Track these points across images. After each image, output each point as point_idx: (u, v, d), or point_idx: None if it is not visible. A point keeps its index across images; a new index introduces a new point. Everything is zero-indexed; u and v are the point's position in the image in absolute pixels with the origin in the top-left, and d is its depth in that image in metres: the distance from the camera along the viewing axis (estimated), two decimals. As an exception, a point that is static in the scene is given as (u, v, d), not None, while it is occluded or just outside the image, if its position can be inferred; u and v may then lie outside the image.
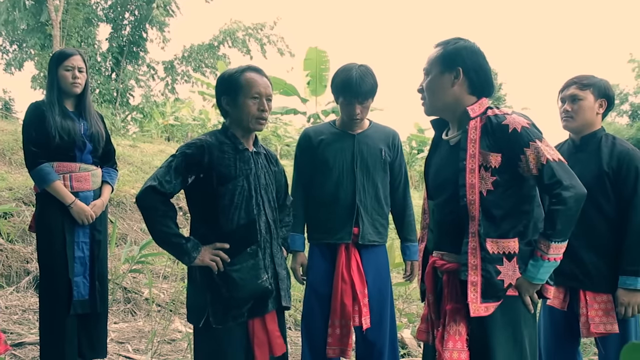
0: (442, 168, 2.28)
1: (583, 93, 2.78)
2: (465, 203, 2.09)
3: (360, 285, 3.05)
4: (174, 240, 2.40)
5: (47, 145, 3.22)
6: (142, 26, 16.97)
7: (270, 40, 18.82)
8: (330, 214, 3.12)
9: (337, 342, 3.06)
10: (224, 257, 2.43)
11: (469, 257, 2.07)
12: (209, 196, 2.45)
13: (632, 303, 2.60)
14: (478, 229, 2.07)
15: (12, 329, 4.19)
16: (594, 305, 2.68)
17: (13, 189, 6.39)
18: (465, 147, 2.12)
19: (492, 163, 2.07)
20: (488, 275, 2.05)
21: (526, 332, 2.11)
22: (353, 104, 3.05)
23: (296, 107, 13.85)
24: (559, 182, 2.00)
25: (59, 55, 3.36)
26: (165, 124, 18.99)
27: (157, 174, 2.41)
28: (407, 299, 5.74)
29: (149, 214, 2.42)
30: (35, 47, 15.79)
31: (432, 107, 2.27)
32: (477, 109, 2.17)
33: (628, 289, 2.60)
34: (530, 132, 2.06)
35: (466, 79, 2.18)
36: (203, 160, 2.42)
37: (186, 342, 4.13)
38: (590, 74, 2.85)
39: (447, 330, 2.12)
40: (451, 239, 2.19)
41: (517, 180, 2.10)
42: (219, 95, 2.57)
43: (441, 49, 2.22)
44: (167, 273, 5.96)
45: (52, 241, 3.24)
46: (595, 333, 2.66)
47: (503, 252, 2.07)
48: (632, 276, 2.60)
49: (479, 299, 2.05)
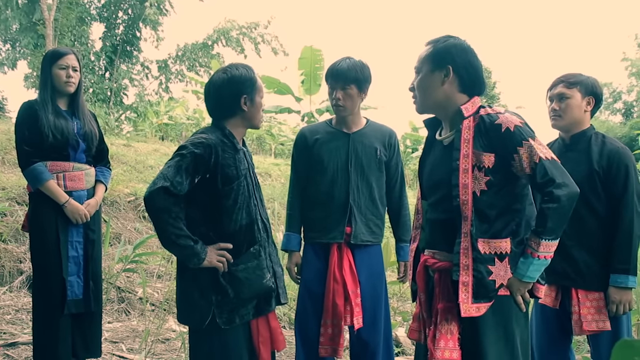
0: (435, 168, 2.28)
1: (570, 91, 2.79)
2: (458, 203, 2.09)
3: (353, 285, 3.05)
4: (184, 242, 2.34)
5: (40, 145, 3.21)
6: (136, 25, 16.90)
7: (265, 40, 18.78)
8: (324, 214, 3.12)
9: (328, 342, 3.07)
10: (229, 258, 2.42)
11: (460, 257, 2.07)
12: (213, 197, 2.43)
13: (623, 301, 2.62)
14: (470, 229, 2.07)
15: (5, 328, 4.18)
16: (586, 303, 2.70)
17: (6, 188, 6.37)
18: (458, 147, 2.12)
19: (486, 163, 2.08)
20: (480, 276, 2.05)
21: (518, 331, 2.11)
22: (335, 88, 3.07)
23: (290, 106, 13.89)
24: (552, 180, 2.00)
25: (53, 54, 3.35)
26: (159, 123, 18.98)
27: (167, 175, 2.32)
28: (401, 297, 5.75)
29: (160, 215, 2.33)
30: (28, 46, 15.71)
31: (423, 106, 2.27)
32: (470, 108, 2.16)
33: (619, 287, 2.62)
34: (523, 131, 2.06)
35: (456, 77, 2.18)
36: (210, 160, 2.39)
37: (180, 341, 4.13)
38: (577, 72, 2.86)
39: (439, 329, 2.12)
40: (443, 238, 2.19)
41: (510, 180, 2.11)
42: (239, 94, 2.50)
43: (431, 47, 2.21)
44: (161, 272, 5.96)
45: (46, 240, 3.22)
46: (587, 331, 2.68)
47: (495, 252, 2.07)
48: (622, 274, 2.62)
49: (470, 299, 2.05)
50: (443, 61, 2.17)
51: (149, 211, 2.37)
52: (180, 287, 2.53)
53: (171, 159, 2.40)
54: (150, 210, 2.36)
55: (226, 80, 2.53)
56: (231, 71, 2.55)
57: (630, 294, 2.63)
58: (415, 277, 2.34)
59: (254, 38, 18.69)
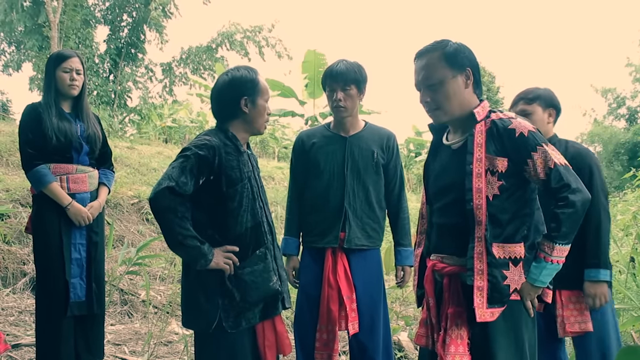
0: (443, 172, 2.27)
1: (531, 107, 2.90)
2: (471, 207, 2.08)
3: (347, 290, 3.04)
4: (191, 242, 2.31)
5: (43, 147, 3.22)
6: (140, 28, 16.95)
7: (269, 43, 18.81)
8: (320, 218, 3.12)
9: (323, 347, 3.06)
10: (235, 260, 2.40)
11: (474, 262, 2.06)
12: (218, 199, 2.42)
13: (599, 294, 2.70)
14: (484, 234, 2.06)
15: (9, 330, 4.19)
16: (569, 305, 2.79)
17: (10, 190, 6.39)
18: (472, 150, 2.11)
19: (499, 167, 2.08)
20: (494, 281, 2.05)
21: (526, 336, 2.11)
22: (335, 89, 3.07)
23: (294, 109, 13.88)
24: (567, 186, 2.02)
25: (57, 56, 3.36)
26: (163, 126, 19.03)
27: (172, 175, 2.30)
28: (404, 301, 5.73)
29: (167, 215, 2.30)
30: (33, 49, 15.75)
31: (450, 114, 2.19)
32: (482, 112, 2.16)
33: (592, 281, 2.71)
34: (537, 137, 2.07)
35: (473, 78, 2.18)
36: (214, 162, 2.38)
37: (182, 344, 4.13)
38: (534, 87, 2.97)
39: (449, 334, 2.11)
40: (453, 242, 2.18)
41: (521, 185, 2.11)
42: (239, 95, 2.49)
43: (440, 54, 2.15)
44: (164, 275, 5.96)
45: (49, 243, 3.23)
46: (570, 332, 2.77)
47: (509, 257, 2.07)
48: (594, 268, 2.71)
49: (485, 304, 2.04)
50: (462, 64, 2.15)
51: (155, 212, 2.34)
52: (186, 290, 2.51)
53: (175, 160, 2.38)
54: (156, 211, 2.33)
55: (227, 82, 2.53)
56: (232, 73, 2.54)
57: (605, 287, 2.71)
58: (423, 282, 2.32)
59: (258, 41, 18.73)
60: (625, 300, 4.51)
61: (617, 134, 25.02)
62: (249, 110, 2.51)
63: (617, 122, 27.40)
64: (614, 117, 27.61)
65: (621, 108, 27.29)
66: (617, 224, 6.60)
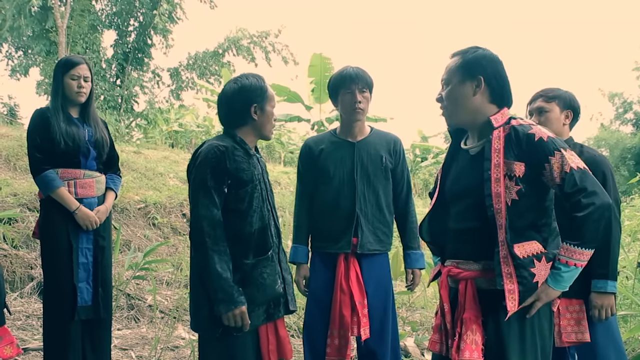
0: (461, 177, 2.28)
1: (549, 105, 2.89)
2: (492, 213, 2.08)
3: (360, 296, 3.05)
4: (226, 286, 2.36)
5: (51, 152, 3.24)
6: (147, 33, 16.99)
7: (275, 49, 18.81)
8: (331, 223, 3.12)
9: (335, 352, 3.06)
10: (247, 323, 2.41)
11: (502, 266, 2.06)
12: (228, 200, 2.45)
13: (605, 305, 2.68)
14: (505, 237, 2.06)
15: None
16: (566, 315, 2.76)
17: (17, 194, 6.41)
18: (489, 156, 2.12)
19: (516, 172, 2.08)
20: (525, 281, 2.04)
21: (540, 343, 2.11)
22: (353, 90, 3.08)
23: (300, 114, 13.88)
24: (582, 190, 2.02)
25: (65, 63, 3.38)
26: (170, 130, 19.06)
27: (200, 201, 2.39)
28: (410, 307, 5.72)
29: (208, 248, 2.36)
30: (41, 54, 15.81)
31: (453, 116, 2.26)
32: (500, 118, 2.18)
33: (599, 292, 2.69)
34: (556, 142, 2.08)
35: (487, 87, 2.19)
36: (227, 165, 2.44)
37: (189, 349, 4.13)
38: (556, 87, 2.95)
39: (464, 340, 2.11)
40: (470, 247, 2.19)
41: (540, 190, 2.12)
42: (249, 103, 2.55)
43: (460, 58, 2.22)
44: (170, 280, 5.97)
45: (56, 247, 3.24)
46: (567, 342, 2.75)
47: (532, 254, 2.07)
48: (602, 279, 2.69)
49: (516, 306, 2.05)
50: (474, 71, 2.18)
51: (194, 244, 2.44)
52: (194, 294, 2.53)
53: (195, 189, 2.45)
54: (196, 243, 2.42)
55: (237, 90, 2.57)
56: (241, 81, 2.59)
57: (612, 298, 2.69)
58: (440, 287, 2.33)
59: (264, 47, 18.74)
60: (633, 306, 4.48)
61: (623, 138, 24.90)
62: (258, 117, 2.57)
63: (624, 127, 27.29)
64: (620, 122, 27.49)
65: (628, 113, 27.15)
66: (624, 229, 6.57)
